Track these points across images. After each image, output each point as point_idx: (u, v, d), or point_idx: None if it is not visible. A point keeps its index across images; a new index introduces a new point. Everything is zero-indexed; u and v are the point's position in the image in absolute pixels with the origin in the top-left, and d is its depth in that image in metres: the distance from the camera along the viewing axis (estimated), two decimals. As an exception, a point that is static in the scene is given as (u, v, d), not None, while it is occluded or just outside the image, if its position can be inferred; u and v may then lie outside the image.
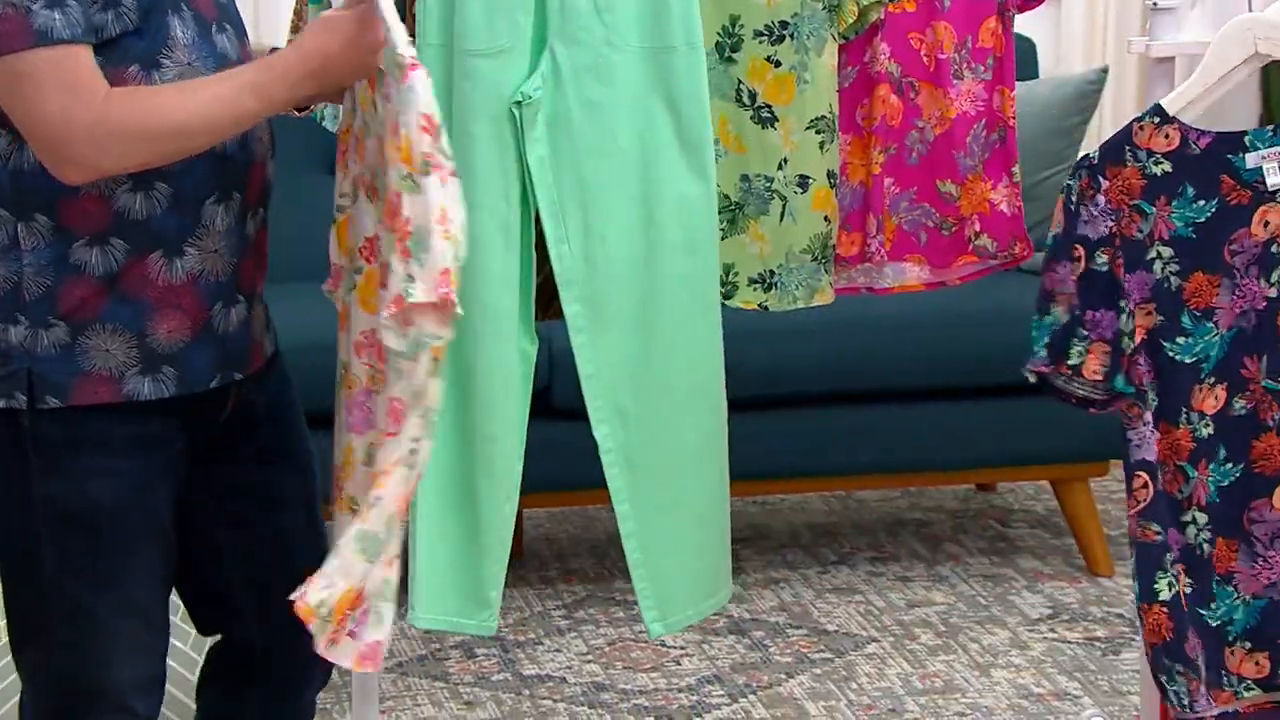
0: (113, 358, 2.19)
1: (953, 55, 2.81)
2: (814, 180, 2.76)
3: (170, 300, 2.20)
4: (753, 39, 2.73)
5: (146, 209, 2.18)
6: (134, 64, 2.16)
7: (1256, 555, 2.49)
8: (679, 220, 2.53)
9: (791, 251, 2.77)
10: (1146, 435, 2.45)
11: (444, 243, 2.05)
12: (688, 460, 2.60)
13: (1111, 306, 2.43)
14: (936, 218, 2.86)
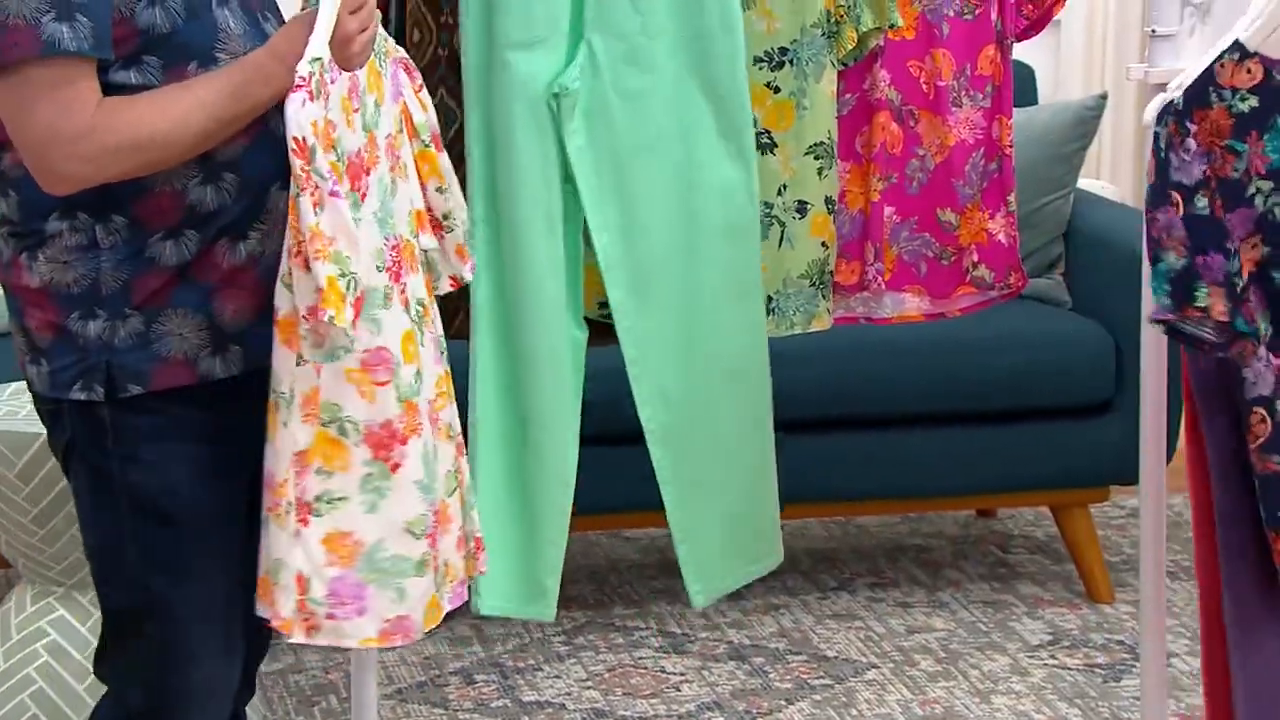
0: (186, 341, 2.24)
1: (952, 83, 2.84)
2: (812, 206, 2.77)
3: (235, 281, 2.25)
4: (752, 65, 2.73)
5: (217, 200, 2.23)
6: (192, 61, 2.20)
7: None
8: (720, 206, 2.55)
9: (789, 277, 2.78)
10: (1262, 370, 2.36)
11: (318, 263, 2.13)
12: (730, 441, 2.64)
13: (1219, 250, 2.36)
14: (936, 247, 2.88)
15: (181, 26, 2.19)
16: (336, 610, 2.23)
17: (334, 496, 2.24)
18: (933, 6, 2.82)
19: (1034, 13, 2.86)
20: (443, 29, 2.69)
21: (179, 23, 2.19)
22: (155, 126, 2.14)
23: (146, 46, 2.18)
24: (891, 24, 2.78)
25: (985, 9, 2.83)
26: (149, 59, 2.18)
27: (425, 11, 2.69)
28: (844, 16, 2.76)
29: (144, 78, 2.18)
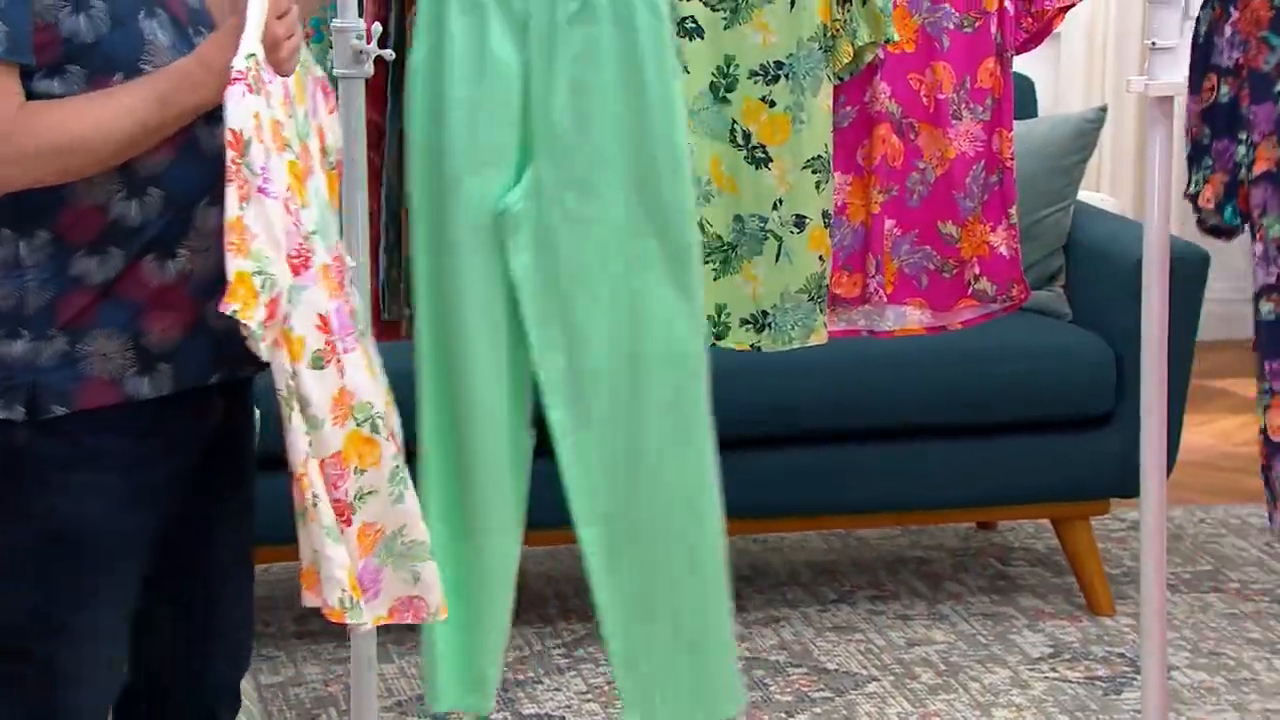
0: (110, 361, 2.21)
1: (952, 95, 2.84)
2: (810, 220, 2.77)
3: (164, 301, 2.22)
4: (747, 79, 2.74)
5: (141, 215, 2.20)
6: (117, 72, 2.17)
7: None
8: (663, 334, 2.52)
9: (787, 291, 2.78)
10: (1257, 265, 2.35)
11: (229, 255, 2.12)
12: (675, 572, 2.59)
13: (1233, 138, 2.34)
14: (938, 260, 2.88)
15: (106, 36, 2.16)
16: (360, 599, 2.25)
17: (365, 492, 2.25)
18: (933, 19, 2.83)
19: (1033, 26, 2.87)
20: None
21: (103, 32, 2.16)
22: (78, 131, 2.11)
23: (70, 55, 2.15)
24: (887, 39, 2.79)
25: (985, 22, 2.84)
26: (73, 68, 2.15)
27: None
28: (840, 31, 2.76)
29: (67, 87, 2.15)
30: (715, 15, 2.73)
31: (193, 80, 2.14)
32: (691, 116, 2.72)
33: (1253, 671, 3.66)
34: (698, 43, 2.73)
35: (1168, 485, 2.88)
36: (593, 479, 2.56)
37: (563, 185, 2.46)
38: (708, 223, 2.74)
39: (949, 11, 2.84)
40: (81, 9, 2.14)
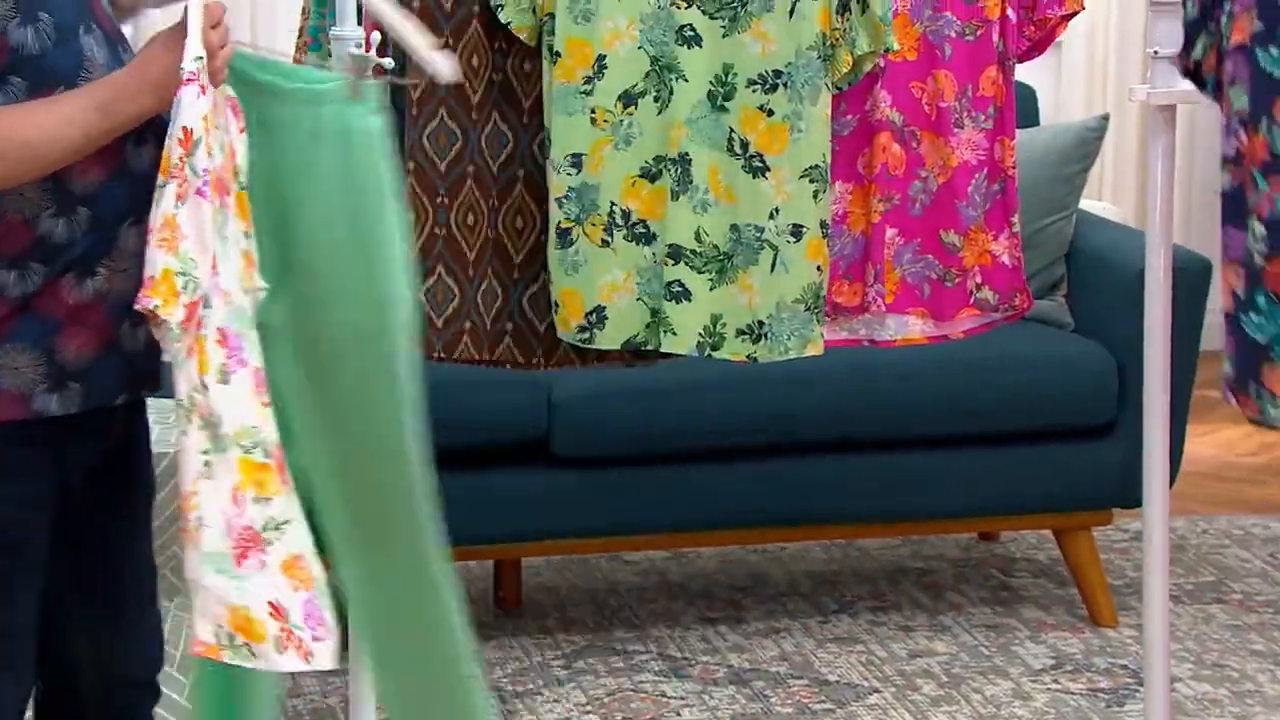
0: (21, 375, 2.23)
1: (954, 104, 2.83)
2: (807, 229, 2.77)
3: (79, 318, 2.24)
4: (745, 88, 2.75)
5: (67, 234, 2.22)
6: (59, 85, 2.20)
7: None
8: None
9: (783, 301, 2.78)
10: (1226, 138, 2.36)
11: (156, 251, 2.12)
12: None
13: (1220, 6, 2.35)
14: (940, 269, 2.87)
15: (50, 50, 2.20)
16: (316, 631, 2.22)
17: (280, 521, 2.22)
18: (934, 28, 2.83)
19: (1036, 34, 2.86)
20: (442, 48, 2.66)
21: (48, 46, 2.20)
22: (21, 137, 2.14)
23: (14, 66, 2.18)
24: (887, 48, 2.78)
25: (987, 30, 2.83)
26: (15, 80, 2.18)
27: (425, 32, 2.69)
28: (839, 40, 2.76)
29: (7, 98, 2.18)
30: (714, 23, 2.74)
31: (130, 90, 2.18)
32: (689, 125, 2.74)
33: (1256, 684, 3.65)
34: (696, 51, 2.73)
35: (1170, 496, 2.87)
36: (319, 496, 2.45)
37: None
38: (705, 233, 2.75)
39: (950, 20, 2.83)
40: (30, 21, 2.18)
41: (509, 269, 2.83)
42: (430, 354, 2.75)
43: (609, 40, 2.71)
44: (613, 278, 2.76)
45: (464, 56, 2.74)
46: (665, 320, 2.77)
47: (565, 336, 2.78)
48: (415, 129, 2.72)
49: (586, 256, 2.75)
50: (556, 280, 2.76)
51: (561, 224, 2.74)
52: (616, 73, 2.71)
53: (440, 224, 2.75)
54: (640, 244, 2.76)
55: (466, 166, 2.77)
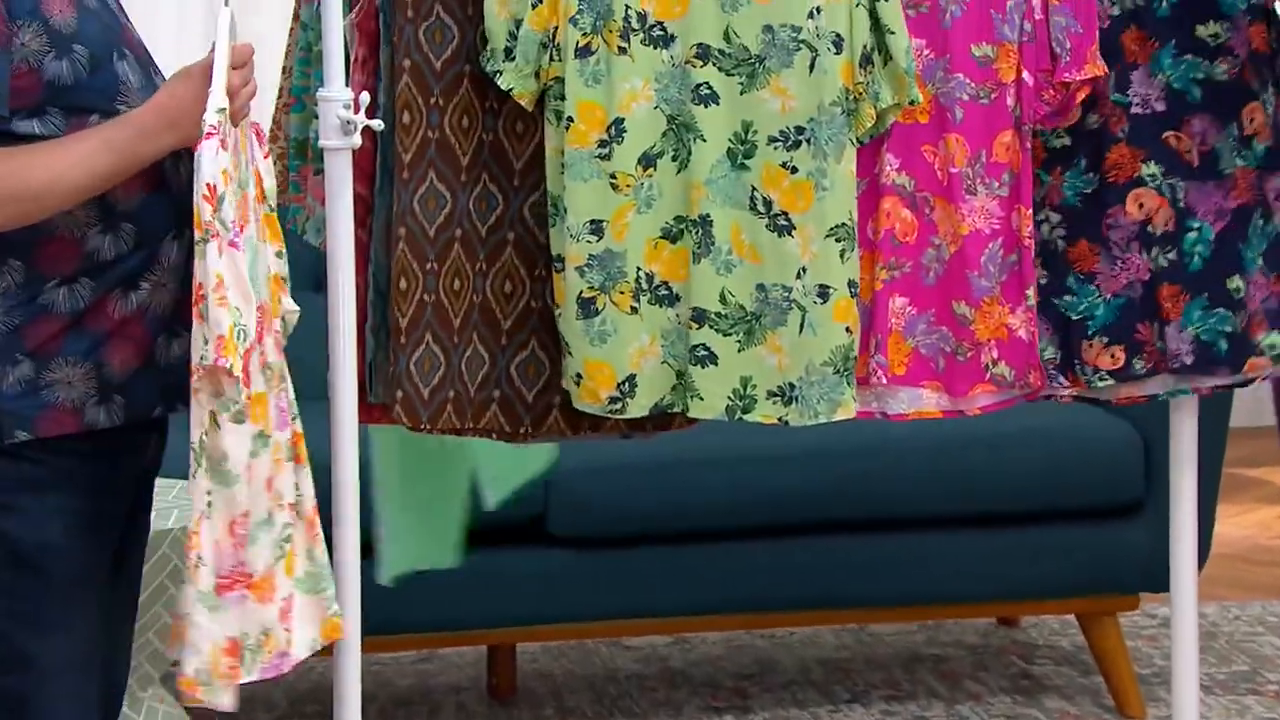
0: (74, 389, 2.33)
1: (965, 170, 2.83)
2: (835, 290, 2.78)
3: (124, 331, 2.35)
4: (767, 145, 2.76)
5: (115, 249, 2.34)
6: (94, 113, 2.30)
7: (1115, 258, 2.86)
8: None
9: (812, 364, 2.78)
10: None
11: (219, 310, 2.25)
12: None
13: None
14: (953, 342, 2.86)
15: (85, 79, 2.29)
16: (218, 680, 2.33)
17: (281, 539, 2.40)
18: (946, 89, 2.83)
19: (1056, 98, 2.84)
20: (432, 110, 2.73)
21: (83, 75, 2.29)
22: (33, 181, 2.23)
23: (51, 98, 2.28)
24: (911, 100, 2.78)
25: (1001, 94, 2.83)
26: (52, 110, 2.28)
27: (415, 94, 2.73)
28: (863, 94, 2.77)
29: (46, 128, 2.28)
30: (731, 80, 2.75)
31: (148, 130, 2.27)
32: (709, 185, 2.75)
33: (1292, 778, 3.64)
34: (714, 109, 2.74)
35: (1200, 579, 2.89)
36: None
37: None
38: (730, 293, 2.77)
39: (963, 82, 2.83)
40: (65, 54, 2.28)
41: (496, 335, 2.83)
42: (416, 425, 2.76)
43: (626, 102, 2.73)
44: (640, 344, 2.77)
45: (454, 116, 2.76)
46: (691, 385, 2.78)
47: (592, 408, 2.78)
48: (406, 193, 2.72)
49: (615, 325, 2.76)
50: (579, 352, 2.76)
51: (584, 293, 2.75)
52: (635, 135, 2.73)
53: (429, 290, 2.76)
54: (664, 306, 2.78)
55: (454, 230, 2.78)
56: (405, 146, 2.70)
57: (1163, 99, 2.86)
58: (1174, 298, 2.86)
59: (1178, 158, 2.86)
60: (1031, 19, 2.81)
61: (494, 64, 2.72)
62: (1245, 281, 2.87)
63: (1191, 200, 2.87)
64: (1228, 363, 2.87)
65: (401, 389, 2.73)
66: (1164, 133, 2.86)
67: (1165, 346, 2.86)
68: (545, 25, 2.71)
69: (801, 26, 2.73)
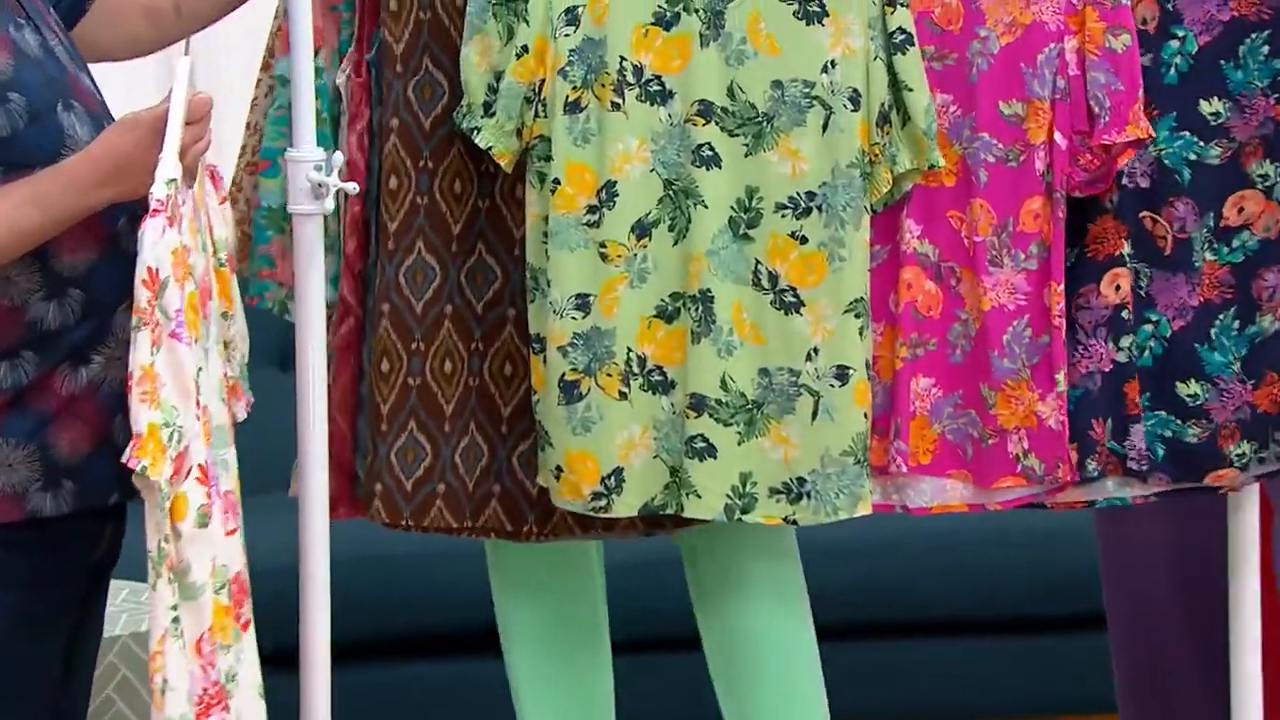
0: (15, 473, 2.26)
1: (990, 239, 2.77)
2: (853, 371, 2.71)
3: (73, 410, 2.28)
4: (774, 213, 2.69)
5: (60, 319, 2.26)
6: (36, 167, 2.24)
7: (1078, 343, 2.75)
8: None
9: (829, 454, 2.70)
10: None
11: (140, 406, 2.13)
12: None
13: None
14: (980, 428, 2.80)
15: (23, 130, 2.24)
16: None
17: (232, 674, 2.25)
18: (971, 149, 2.76)
19: (1093, 164, 2.77)
20: (421, 173, 2.69)
21: (20, 126, 2.24)
22: None
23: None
24: (931, 164, 2.72)
25: (1030, 155, 2.76)
26: None
27: (403, 156, 2.69)
28: (879, 156, 2.71)
29: None
30: (734, 141, 2.68)
31: (80, 183, 2.20)
32: (710, 257, 2.68)
33: None
34: (715, 173, 2.67)
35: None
36: None
37: None
38: (730, 379, 2.68)
39: (989, 142, 2.76)
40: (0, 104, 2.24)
41: (495, 423, 2.75)
42: (396, 522, 2.69)
43: (619, 164, 2.66)
44: (630, 434, 2.68)
45: (445, 181, 2.70)
46: (687, 480, 2.69)
47: (573, 506, 2.69)
48: (391, 266, 2.68)
49: (602, 412, 2.67)
50: (560, 441, 2.67)
51: (567, 376, 2.67)
52: (628, 200, 2.66)
53: (414, 374, 2.70)
54: (657, 393, 2.69)
55: (444, 306, 2.71)
56: (391, 214, 2.66)
57: (1149, 175, 2.78)
58: (1138, 392, 2.78)
59: (1151, 242, 2.77)
60: (1066, 75, 2.74)
61: (471, 120, 2.64)
62: (1207, 388, 2.78)
63: (1155, 290, 2.79)
64: (1165, 470, 2.79)
65: (381, 482, 2.67)
66: (1142, 211, 2.78)
67: (1123, 447, 2.77)
68: (530, 78, 2.64)
69: (815, 82, 2.66)
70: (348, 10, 2.69)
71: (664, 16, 2.64)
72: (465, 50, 2.62)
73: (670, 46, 2.64)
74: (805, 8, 2.65)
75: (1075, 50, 2.73)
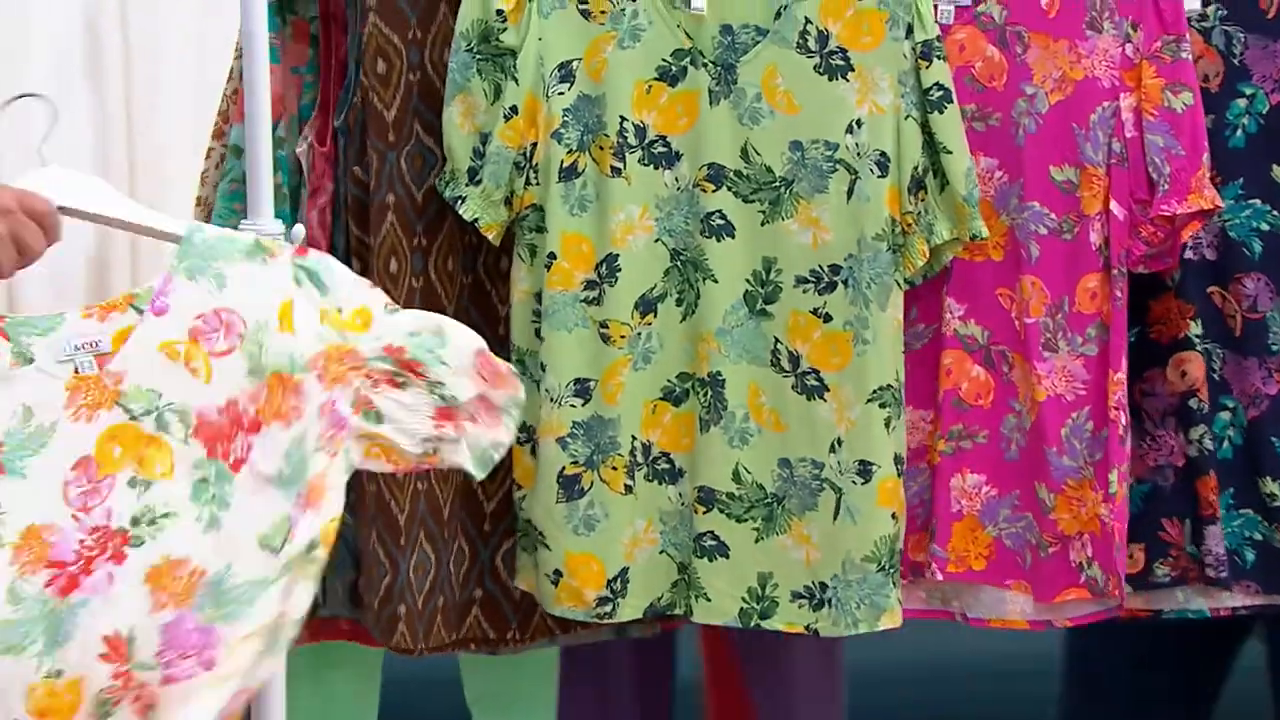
0: None
1: (1043, 320, 2.70)
2: (878, 467, 2.63)
3: None
4: (794, 287, 2.64)
5: None
6: None
7: (1145, 433, 2.73)
8: None
9: (850, 559, 2.64)
10: None
11: None
12: None
13: None
14: (1038, 534, 2.75)
15: None
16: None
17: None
18: (1020, 220, 2.72)
19: (1155, 237, 2.70)
20: (416, 251, 2.62)
21: None
22: None
23: None
24: (973, 235, 2.67)
25: (1084, 227, 2.70)
26: None
27: (401, 236, 2.62)
28: (913, 225, 2.65)
29: None
30: (750, 209, 2.64)
31: None
32: (721, 336, 2.64)
33: None
34: (728, 244, 2.63)
35: None
36: None
37: None
38: (745, 469, 2.65)
39: (1039, 211, 2.71)
40: None
41: (479, 521, 2.70)
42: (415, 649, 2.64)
43: (620, 234, 2.62)
44: (635, 530, 2.66)
45: (439, 259, 2.66)
46: (696, 581, 2.65)
47: (574, 614, 2.66)
48: None
49: (606, 509, 2.63)
50: (560, 543, 2.64)
51: (567, 470, 2.63)
52: (631, 275, 2.63)
53: (422, 478, 2.64)
54: (664, 483, 2.66)
55: None
56: (394, 300, 2.62)
57: (1216, 247, 2.73)
58: (1214, 491, 2.73)
59: (1221, 320, 2.73)
60: (1122, 137, 2.69)
61: (455, 188, 2.60)
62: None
63: (1229, 374, 2.74)
64: (1254, 577, 2.73)
65: (404, 603, 2.61)
66: (1210, 287, 2.73)
67: (1200, 551, 2.72)
68: (521, 140, 2.60)
69: (838, 143, 2.62)
70: (310, 73, 2.66)
71: (669, 71, 2.60)
72: (448, 111, 2.58)
73: (676, 104, 2.61)
74: (828, 61, 2.62)
75: (1132, 109, 2.68)
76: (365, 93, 2.59)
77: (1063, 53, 2.68)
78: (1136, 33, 2.68)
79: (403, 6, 2.60)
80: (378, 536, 2.62)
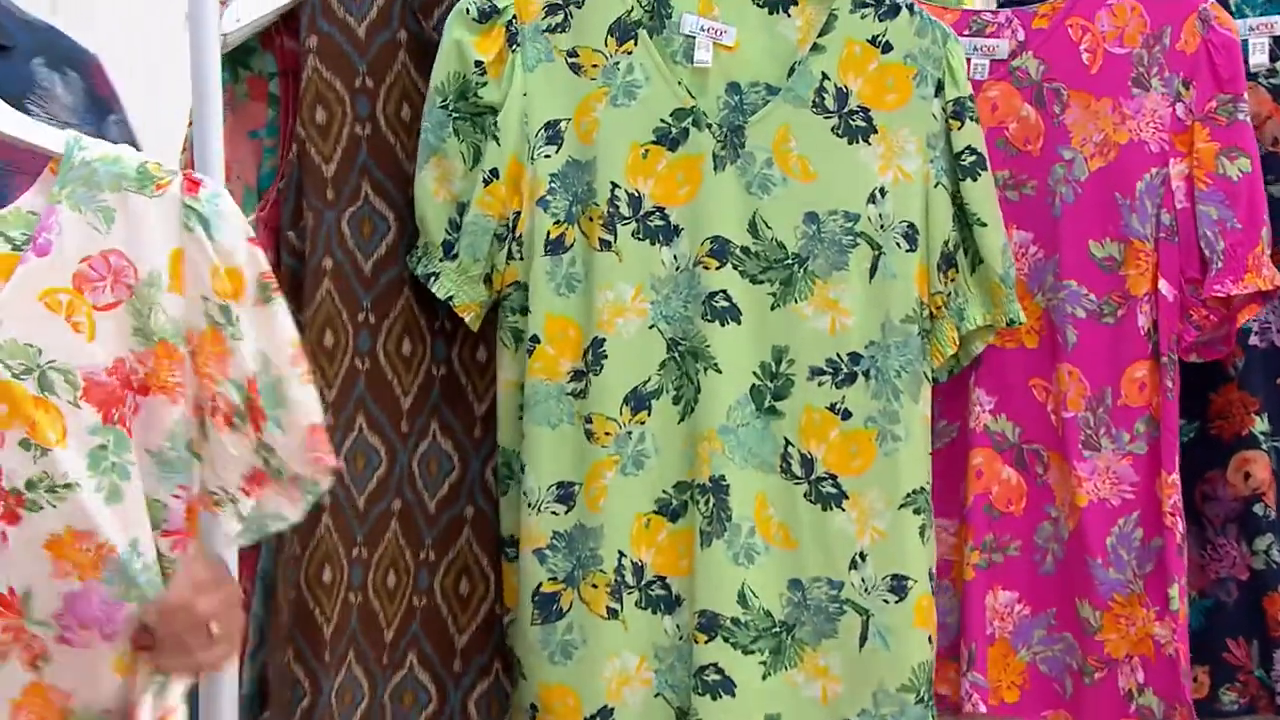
0: None
1: (1083, 414, 2.67)
2: (914, 582, 2.55)
3: None
4: (808, 380, 2.58)
5: None
6: None
7: (1207, 542, 2.70)
8: None
9: (884, 690, 2.56)
10: None
11: None
12: None
13: None
14: (1080, 658, 2.70)
15: None
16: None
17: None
18: (1055, 301, 2.68)
19: (1209, 320, 2.66)
20: (361, 329, 2.52)
21: None
22: None
23: None
24: (1010, 320, 2.61)
25: (1131, 310, 2.67)
26: None
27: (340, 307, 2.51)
28: (942, 309, 2.60)
29: None
30: (759, 290, 2.57)
31: None
32: (725, 436, 2.57)
33: None
34: (733, 330, 2.56)
35: None
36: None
37: None
38: (751, 593, 2.56)
39: (1077, 292, 2.67)
40: None
41: (447, 654, 2.62)
42: None
43: (609, 317, 2.55)
44: (623, 665, 2.57)
45: (391, 341, 2.56)
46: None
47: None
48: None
49: (586, 634, 2.56)
50: (534, 672, 2.58)
51: (544, 587, 2.56)
52: (621, 364, 2.55)
53: (356, 587, 2.52)
54: (658, 613, 2.58)
55: (391, 502, 2.56)
56: (328, 380, 2.50)
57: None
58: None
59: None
60: (1172, 208, 2.66)
61: (428, 264, 2.52)
62: None
63: None
64: None
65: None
66: (1278, 377, 2.70)
67: (1270, 677, 2.67)
68: (502, 209, 2.53)
69: (859, 214, 2.56)
70: (270, 136, 2.54)
71: (668, 133, 2.55)
72: (420, 175, 2.50)
73: (676, 171, 2.56)
74: (847, 121, 2.57)
75: (1183, 176, 2.66)
76: (301, 144, 2.47)
77: (1106, 113, 2.65)
78: (1189, 91, 2.65)
79: (349, 50, 2.49)
80: (295, 653, 2.49)
